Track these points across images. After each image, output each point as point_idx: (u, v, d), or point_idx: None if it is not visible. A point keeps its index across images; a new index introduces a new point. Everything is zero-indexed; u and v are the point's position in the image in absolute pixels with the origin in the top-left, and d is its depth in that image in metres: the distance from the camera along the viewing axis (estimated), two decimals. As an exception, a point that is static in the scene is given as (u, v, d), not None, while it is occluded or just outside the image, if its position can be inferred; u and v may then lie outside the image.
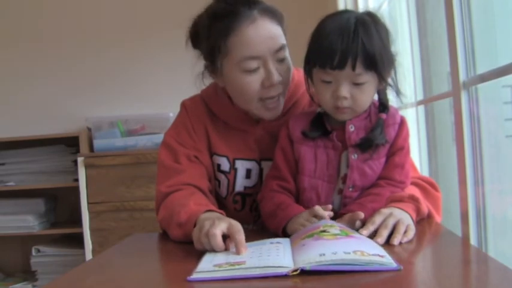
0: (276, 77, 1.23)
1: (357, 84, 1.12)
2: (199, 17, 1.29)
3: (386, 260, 0.86)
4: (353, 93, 1.12)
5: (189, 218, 1.15)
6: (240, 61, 1.22)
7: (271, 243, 1.01)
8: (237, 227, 1.02)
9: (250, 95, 1.25)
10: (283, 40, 1.25)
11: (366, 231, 1.04)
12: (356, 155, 1.18)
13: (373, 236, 1.04)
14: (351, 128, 1.18)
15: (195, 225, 1.12)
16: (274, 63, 1.23)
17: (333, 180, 1.20)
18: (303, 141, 1.21)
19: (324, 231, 0.97)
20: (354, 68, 1.09)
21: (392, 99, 1.23)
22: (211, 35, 1.24)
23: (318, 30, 1.14)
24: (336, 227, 0.99)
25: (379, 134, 1.17)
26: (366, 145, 1.17)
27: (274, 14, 1.25)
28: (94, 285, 0.91)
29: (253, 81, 1.23)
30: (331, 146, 1.19)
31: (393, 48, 1.16)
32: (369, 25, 1.11)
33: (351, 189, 1.19)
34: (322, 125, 1.21)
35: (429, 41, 1.92)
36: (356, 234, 0.98)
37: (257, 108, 1.28)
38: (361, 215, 1.09)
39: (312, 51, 1.15)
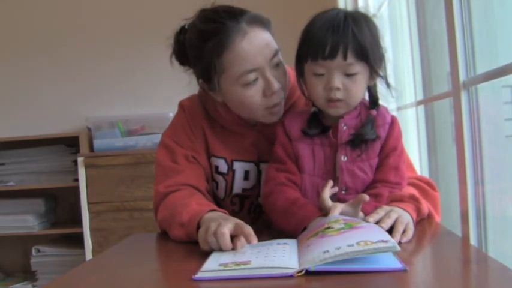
0: (276, 84, 1.23)
1: (348, 75, 1.13)
2: (184, 35, 1.29)
3: (391, 244, 0.86)
4: (345, 84, 1.13)
5: (191, 218, 1.15)
6: (238, 76, 1.21)
7: (278, 243, 1.01)
8: (243, 224, 1.03)
9: (254, 107, 1.25)
10: (275, 45, 1.25)
11: (371, 219, 1.05)
12: (346, 157, 1.18)
13: None
14: (343, 126, 1.18)
15: (198, 226, 1.12)
16: (271, 71, 1.23)
17: (330, 178, 1.19)
18: (300, 139, 1.21)
19: (329, 227, 0.96)
20: (345, 57, 1.10)
21: (384, 96, 1.23)
22: (203, 55, 1.22)
23: (308, 26, 1.16)
24: (340, 221, 0.99)
25: (370, 129, 1.17)
26: (357, 141, 1.17)
27: (261, 22, 1.24)
28: (94, 285, 0.91)
29: (254, 93, 1.23)
30: (328, 143, 1.20)
31: (383, 44, 1.18)
32: (359, 19, 1.13)
33: (343, 191, 1.19)
34: (319, 122, 1.21)
35: (429, 41, 1.92)
36: (361, 224, 0.97)
37: (263, 116, 1.28)
38: (366, 197, 1.08)
39: (303, 46, 1.16)
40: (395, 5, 2.22)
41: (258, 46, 1.21)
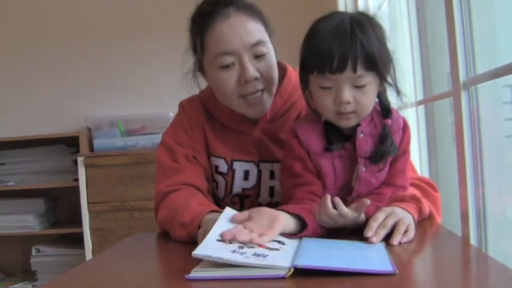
0: (251, 72, 1.23)
1: (358, 87, 1.07)
2: None
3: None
4: (356, 96, 1.07)
5: (192, 218, 1.15)
6: (215, 57, 1.24)
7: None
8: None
9: (228, 92, 1.26)
10: (261, 36, 1.25)
11: (370, 232, 1.03)
12: (365, 168, 1.15)
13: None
14: (360, 134, 1.14)
15: (199, 226, 1.12)
16: (250, 59, 1.23)
17: (346, 189, 1.17)
18: (321, 154, 1.15)
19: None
20: (355, 70, 1.05)
21: (392, 99, 1.21)
22: (192, 35, 1.29)
23: (312, 34, 1.10)
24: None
25: (390, 145, 1.13)
26: (378, 158, 1.14)
27: (251, 10, 1.26)
28: (94, 285, 0.91)
29: (229, 78, 1.24)
30: (347, 156, 1.15)
31: (389, 46, 1.13)
32: (364, 25, 1.07)
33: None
34: (338, 132, 1.15)
35: (429, 41, 1.92)
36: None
37: (239, 106, 1.28)
38: (367, 201, 1.05)
39: (308, 56, 1.10)
40: (395, 5, 2.22)
41: (237, 30, 1.22)
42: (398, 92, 1.15)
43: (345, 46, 1.04)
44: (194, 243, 1.09)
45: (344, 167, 1.16)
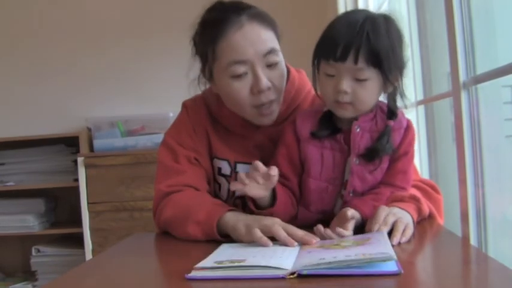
0: (265, 82, 1.22)
1: (359, 80, 1.09)
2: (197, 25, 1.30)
3: (387, 255, 0.85)
4: (354, 88, 1.10)
5: (208, 216, 1.16)
6: (227, 66, 1.22)
7: (280, 245, 1.02)
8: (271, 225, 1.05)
9: (241, 102, 1.24)
10: (273, 44, 1.24)
11: (376, 226, 1.04)
12: (358, 161, 1.16)
13: None
14: (356, 128, 1.15)
15: (217, 226, 1.13)
16: (263, 69, 1.22)
17: (338, 183, 1.19)
18: (310, 141, 1.18)
19: (338, 244, 0.97)
20: (356, 61, 1.07)
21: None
22: (202, 42, 1.26)
23: (330, 23, 1.14)
24: (350, 241, 0.99)
25: (386, 143, 1.14)
26: (372, 155, 1.15)
27: (263, 19, 1.25)
28: (94, 285, 0.91)
29: (242, 87, 1.23)
30: (338, 149, 1.17)
31: (405, 54, 1.14)
32: (378, 22, 1.10)
33: (351, 194, 1.18)
34: (331, 123, 1.18)
35: (429, 41, 1.92)
36: (370, 240, 0.97)
37: (251, 115, 1.27)
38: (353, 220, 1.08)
39: (319, 42, 1.14)
40: (395, 5, 2.22)
41: (251, 39, 1.21)
42: (402, 95, 1.17)
43: (351, 36, 1.07)
44: (194, 242, 1.10)
45: (333, 159, 1.17)
